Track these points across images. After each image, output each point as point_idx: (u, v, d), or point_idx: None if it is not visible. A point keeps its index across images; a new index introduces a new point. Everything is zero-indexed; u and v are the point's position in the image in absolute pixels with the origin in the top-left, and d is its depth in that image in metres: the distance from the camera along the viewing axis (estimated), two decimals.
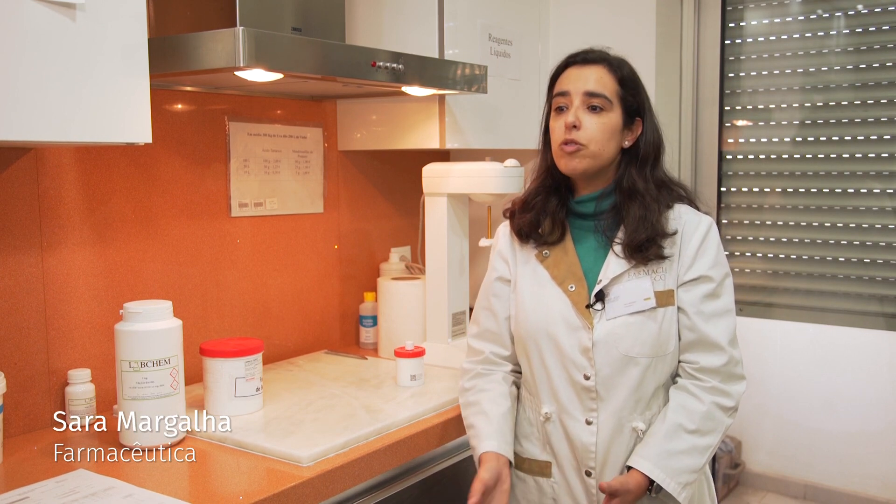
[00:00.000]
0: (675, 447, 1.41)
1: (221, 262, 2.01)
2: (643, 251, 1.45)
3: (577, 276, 1.50)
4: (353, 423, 1.60)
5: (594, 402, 1.46)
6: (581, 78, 1.48)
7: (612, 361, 1.44)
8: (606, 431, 1.46)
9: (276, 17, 1.75)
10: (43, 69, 1.23)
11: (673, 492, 1.39)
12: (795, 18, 2.60)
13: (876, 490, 2.91)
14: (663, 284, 1.46)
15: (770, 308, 2.74)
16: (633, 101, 1.50)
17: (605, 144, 1.47)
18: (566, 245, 1.53)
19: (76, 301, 1.70)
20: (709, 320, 1.45)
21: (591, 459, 1.47)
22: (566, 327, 1.48)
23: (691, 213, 1.51)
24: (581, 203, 1.54)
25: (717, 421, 1.44)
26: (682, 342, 1.47)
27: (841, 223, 2.59)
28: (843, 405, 2.95)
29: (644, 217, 1.45)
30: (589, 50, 1.52)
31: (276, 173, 2.13)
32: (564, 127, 1.47)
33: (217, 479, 1.40)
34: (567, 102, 1.48)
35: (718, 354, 1.44)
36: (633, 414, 1.46)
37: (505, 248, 1.62)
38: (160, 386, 1.49)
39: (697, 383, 1.45)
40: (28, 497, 1.28)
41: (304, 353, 2.24)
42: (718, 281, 1.47)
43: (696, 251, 1.47)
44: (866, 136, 2.52)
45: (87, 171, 1.71)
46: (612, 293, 1.46)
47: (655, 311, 1.44)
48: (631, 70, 1.51)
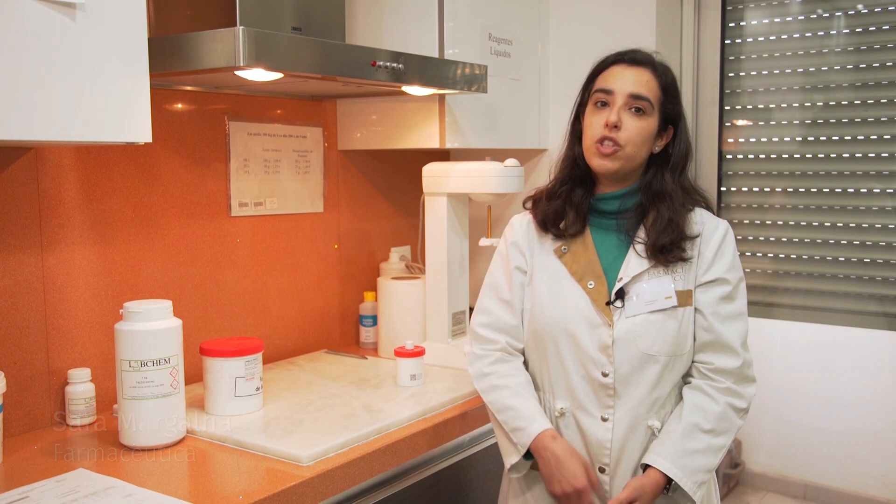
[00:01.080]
0: (692, 447, 1.42)
1: (221, 262, 2.01)
2: (666, 253, 1.46)
3: (597, 273, 1.50)
4: (352, 423, 1.60)
5: (611, 399, 1.47)
6: (627, 78, 1.47)
7: (632, 359, 1.45)
8: (622, 428, 1.46)
9: (276, 16, 1.75)
10: (43, 69, 1.23)
11: (689, 490, 1.40)
12: (795, 18, 2.60)
13: (876, 490, 2.91)
14: (683, 284, 1.47)
15: (771, 308, 2.74)
16: (672, 109, 1.50)
17: (640, 147, 1.47)
18: (585, 241, 1.53)
19: (76, 300, 1.70)
20: (724, 322, 1.47)
21: (606, 456, 1.47)
22: (586, 324, 1.48)
23: (710, 217, 1.53)
24: (603, 200, 1.53)
25: (730, 422, 1.45)
26: (696, 343, 1.48)
27: (841, 223, 2.59)
28: (844, 405, 2.96)
29: (671, 220, 1.46)
30: (637, 50, 1.51)
31: (276, 173, 2.14)
32: (605, 125, 1.46)
33: (217, 479, 1.40)
34: (610, 100, 1.47)
35: (733, 356, 1.46)
36: (650, 412, 1.47)
37: (521, 240, 1.59)
38: (160, 385, 1.49)
39: (712, 384, 1.46)
40: (28, 496, 1.28)
41: (304, 352, 2.24)
42: (734, 284, 1.48)
43: (714, 254, 1.48)
44: (867, 136, 2.52)
45: (87, 170, 1.71)
46: (632, 291, 1.47)
47: (675, 310, 1.45)
48: (674, 78, 1.52)
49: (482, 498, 1.85)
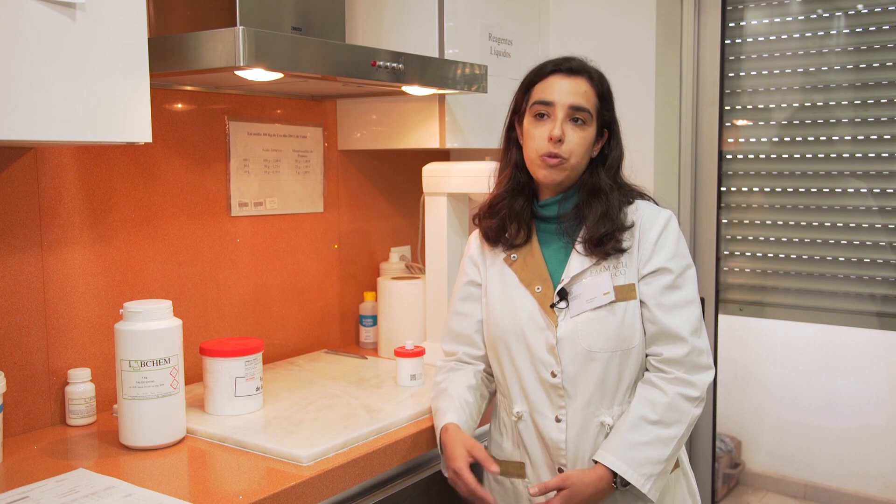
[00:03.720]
0: (638, 439, 1.42)
1: (221, 262, 2.01)
2: (602, 245, 1.47)
3: (543, 277, 1.52)
4: (352, 423, 1.60)
5: (562, 400, 1.49)
6: (567, 90, 1.48)
7: (576, 358, 1.47)
8: (575, 428, 1.48)
9: (276, 16, 1.75)
10: (43, 69, 1.23)
11: (636, 483, 1.40)
12: (795, 18, 2.60)
13: (876, 490, 2.91)
14: (624, 279, 1.47)
15: (770, 308, 2.74)
16: (608, 115, 1.53)
17: (582, 157, 1.50)
18: (532, 247, 1.56)
19: (76, 300, 1.70)
20: (670, 312, 1.46)
21: (563, 456, 1.49)
22: (534, 327, 1.50)
23: (649, 207, 1.53)
24: (545, 207, 1.56)
25: (681, 412, 1.44)
26: (647, 336, 1.49)
27: (840, 223, 2.59)
28: (844, 405, 2.96)
29: (605, 212, 1.48)
30: (571, 58, 1.52)
31: (276, 173, 2.14)
32: (550, 138, 1.47)
33: (217, 479, 1.40)
34: (550, 111, 1.48)
35: (680, 345, 1.45)
36: (600, 409, 1.48)
37: (475, 253, 1.65)
38: (160, 385, 1.49)
39: (661, 375, 1.47)
40: (28, 496, 1.28)
41: (304, 352, 2.24)
42: (678, 272, 1.48)
43: (654, 244, 1.48)
44: (866, 136, 2.52)
45: (87, 170, 1.71)
46: (575, 291, 1.48)
47: (616, 306, 1.46)
48: (608, 85, 1.54)
49: None
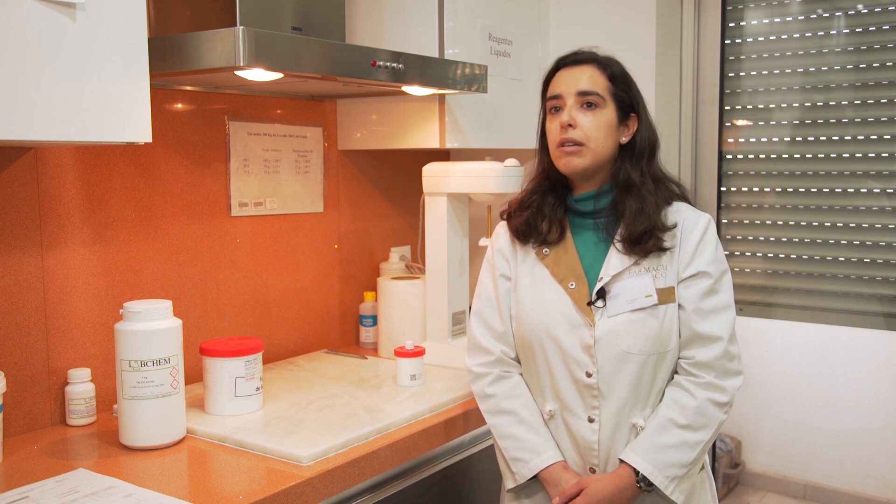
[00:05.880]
0: (665, 441, 1.41)
1: (221, 262, 2.01)
2: (642, 243, 1.46)
3: (578, 273, 1.50)
4: (353, 423, 1.60)
5: (596, 400, 1.47)
6: (572, 79, 1.49)
7: (614, 358, 1.45)
8: (608, 428, 1.46)
9: (276, 16, 1.75)
10: (43, 69, 1.23)
11: (660, 485, 1.39)
12: (795, 18, 2.59)
13: (876, 490, 2.91)
14: (664, 281, 1.46)
15: (770, 308, 2.74)
16: (626, 96, 1.51)
17: (602, 140, 1.48)
18: (566, 243, 1.54)
19: (76, 301, 1.70)
20: (707, 316, 1.46)
21: (595, 457, 1.48)
22: (567, 325, 1.48)
23: (690, 211, 1.52)
24: (579, 201, 1.54)
25: (709, 416, 1.44)
26: (681, 339, 1.48)
27: (841, 223, 2.59)
28: (844, 405, 2.96)
29: (640, 209, 1.47)
30: (578, 51, 1.53)
31: (276, 173, 2.13)
32: (560, 127, 1.48)
33: (217, 479, 1.40)
34: (561, 104, 1.50)
35: (713, 348, 1.45)
36: (634, 410, 1.46)
37: (505, 247, 1.62)
38: (160, 385, 1.49)
39: (692, 379, 1.46)
40: (28, 496, 1.28)
41: (304, 352, 2.24)
42: (717, 277, 1.47)
43: (695, 247, 1.47)
44: (866, 136, 2.52)
45: (87, 170, 1.71)
46: (613, 290, 1.47)
47: (657, 308, 1.45)
48: (621, 67, 1.52)
49: (482, 498, 1.85)
